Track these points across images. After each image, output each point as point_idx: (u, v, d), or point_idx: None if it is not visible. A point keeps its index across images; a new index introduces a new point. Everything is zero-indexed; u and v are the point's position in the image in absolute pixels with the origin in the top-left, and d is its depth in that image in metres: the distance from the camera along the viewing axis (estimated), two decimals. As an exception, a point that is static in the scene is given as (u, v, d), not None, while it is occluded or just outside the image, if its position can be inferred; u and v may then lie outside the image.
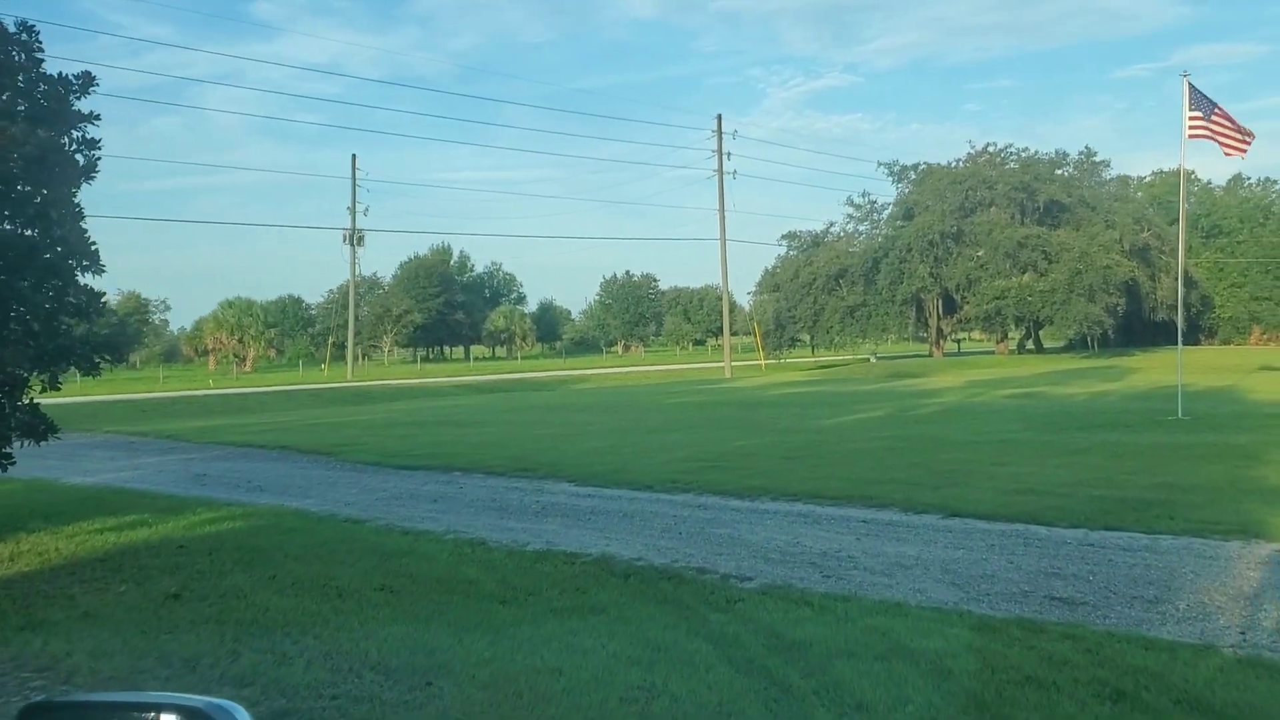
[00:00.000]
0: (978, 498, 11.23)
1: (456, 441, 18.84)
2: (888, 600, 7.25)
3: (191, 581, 8.37)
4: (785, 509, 11.11)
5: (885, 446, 16.29)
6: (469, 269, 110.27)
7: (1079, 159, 60.06)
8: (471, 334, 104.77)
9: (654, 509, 11.30)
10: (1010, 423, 19.87)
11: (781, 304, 59.32)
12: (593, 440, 18.43)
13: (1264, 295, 64.98)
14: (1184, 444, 15.42)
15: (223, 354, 79.14)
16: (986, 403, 25.88)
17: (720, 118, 55.60)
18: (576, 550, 9.17)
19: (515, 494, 12.68)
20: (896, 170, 61.96)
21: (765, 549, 9.04)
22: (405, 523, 10.85)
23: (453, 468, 15.30)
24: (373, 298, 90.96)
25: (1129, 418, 20.23)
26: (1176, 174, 72.48)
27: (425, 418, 25.84)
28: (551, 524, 10.58)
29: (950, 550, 8.79)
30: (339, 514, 11.54)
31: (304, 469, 16.04)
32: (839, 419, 22.13)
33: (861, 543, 9.19)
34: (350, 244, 56.48)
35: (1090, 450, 15.08)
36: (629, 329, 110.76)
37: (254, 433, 22.70)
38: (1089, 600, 7.18)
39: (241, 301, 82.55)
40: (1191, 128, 19.82)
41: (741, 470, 13.96)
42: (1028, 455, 14.80)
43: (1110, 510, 10.32)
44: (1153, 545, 8.84)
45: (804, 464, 14.48)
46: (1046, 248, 52.90)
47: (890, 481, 12.54)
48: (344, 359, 65.35)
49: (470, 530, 10.30)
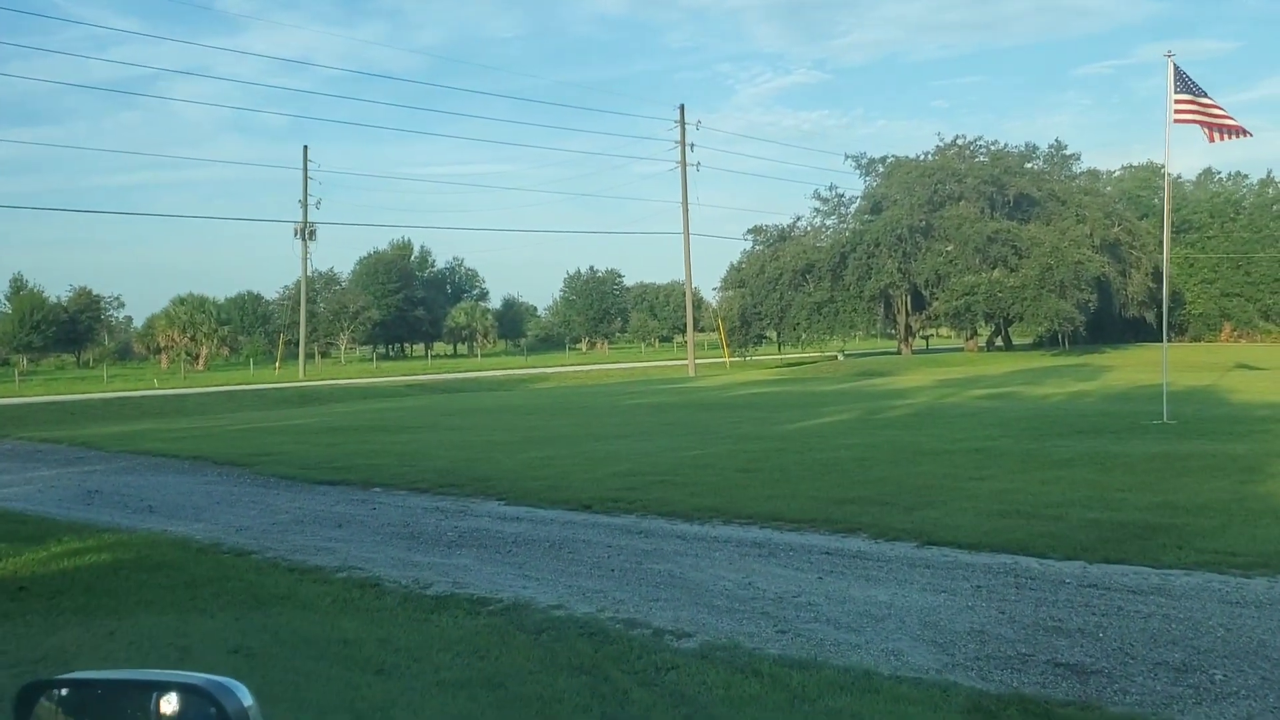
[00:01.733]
0: (957, 522, 9.85)
1: (385, 451, 17.32)
2: (855, 668, 5.84)
3: (9, 640, 6.85)
4: (739, 535, 9.69)
5: (853, 456, 14.91)
6: (430, 265, 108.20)
7: (1049, 152, 59.08)
8: (432, 331, 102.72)
9: (588, 536, 9.85)
10: (986, 427, 18.56)
11: (747, 300, 57.90)
12: (535, 449, 16.96)
13: (1234, 291, 64.19)
14: (1177, 454, 14.12)
15: (175, 352, 76.90)
16: (959, 404, 24.59)
17: (683, 108, 54.27)
18: (486, 594, 7.71)
19: (434, 517, 11.19)
20: (864, 163, 60.66)
21: (711, 592, 7.61)
22: (297, 555, 9.36)
23: (373, 483, 13.79)
24: (329, 294, 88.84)
25: (1112, 422, 18.96)
26: (1146, 168, 72.09)
27: (363, 422, 24.28)
28: (465, 557, 9.10)
29: (929, 594, 7.39)
30: (225, 543, 10.01)
31: (210, 484, 14.48)
32: (804, 423, 20.76)
33: (824, 583, 7.77)
34: (302, 238, 54.62)
35: (1076, 461, 13.75)
36: (593, 326, 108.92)
37: (175, 439, 21.07)
38: (1102, 667, 5.79)
39: (194, 298, 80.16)
40: (1177, 112, 18.55)
41: (693, 486, 12.54)
42: (1009, 467, 13.46)
43: (1109, 537, 8.97)
44: (1165, 585, 7.48)
45: (763, 478, 13.07)
46: (1017, 242, 51.75)
47: (858, 500, 11.15)
48: (299, 358, 63.45)
49: (368, 566, 8.81)
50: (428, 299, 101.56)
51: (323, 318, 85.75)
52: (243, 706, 1.68)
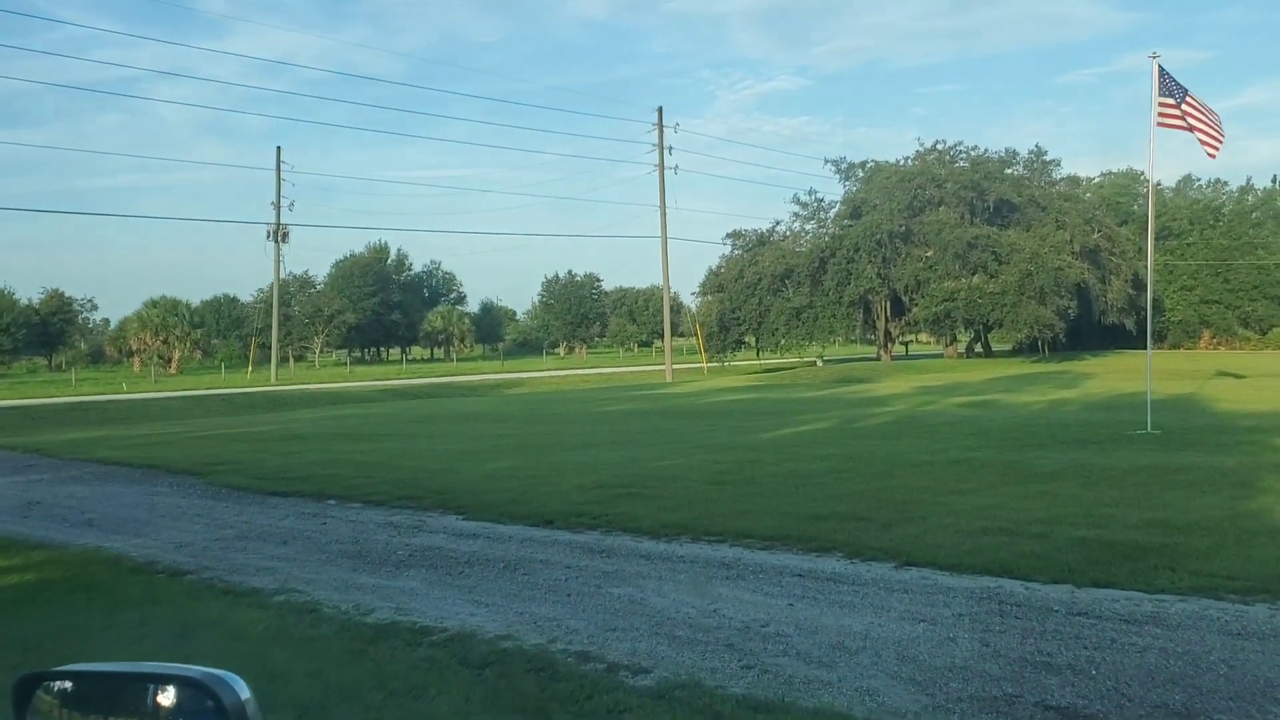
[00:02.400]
0: (938, 540, 9.33)
1: (345, 460, 16.70)
2: (826, 710, 5.31)
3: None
4: (706, 555, 9.15)
5: (829, 468, 14.38)
6: (407, 268, 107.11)
7: (1029, 158, 58.77)
8: (409, 335, 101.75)
9: (547, 555, 9.28)
10: (966, 437, 18.08)
11: (725, 305, 57.34)
12: (500, 459, 16.38)
13: (1214, 299, 64.13)
14: (1164, 466, 13.64)
15: (147, 355, 75.80)
16: (938, 413, 24.13)
17: (661, 110, 53.78)
18: (431, 621, 7.14)
19: (386, 533, 10.60)
20: (844, 168, 60.18)
21: (672, 620, 7.06)
22: (235, 575, 8.76)
23: (328, 494, 13.19)
24: (304, 297, 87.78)
25: (1095, 432, 18.52)
26: (1126, 175, 72.05)
27: (327, 428, 23.63)
28: (413, 579, 8.52)
29: (907, 623, 6.86)
30: (162, 562, 9.41)
31: (158, 495, 13.85)
32: (780, 431, 20.25)
33: (795, 610, 7.23)
34: (274, 240, 53.83)
35: (1060, 474, 13.26)
36: (571, 330, 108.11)
37: (132, 446, 20.40)
38: (1096, 711, 5.26)
39: (167, 300, 79.00)
40: (1162, 115, 18.13)
41: (662, 499, 11.99)
42: (990, 480, 12.96)
43: (1098, 559, 8.46)
44: (1160, 613, 6.97)
45: (735, 491, 12.53)
46: (997, 248, 51.40)
47: (833, 516, 10.62)
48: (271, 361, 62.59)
49: (309, 588, 8.23)
50: (404, 302, 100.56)
51: (297, 321, 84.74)
52: (239, 700, 1.67)
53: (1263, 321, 64.48)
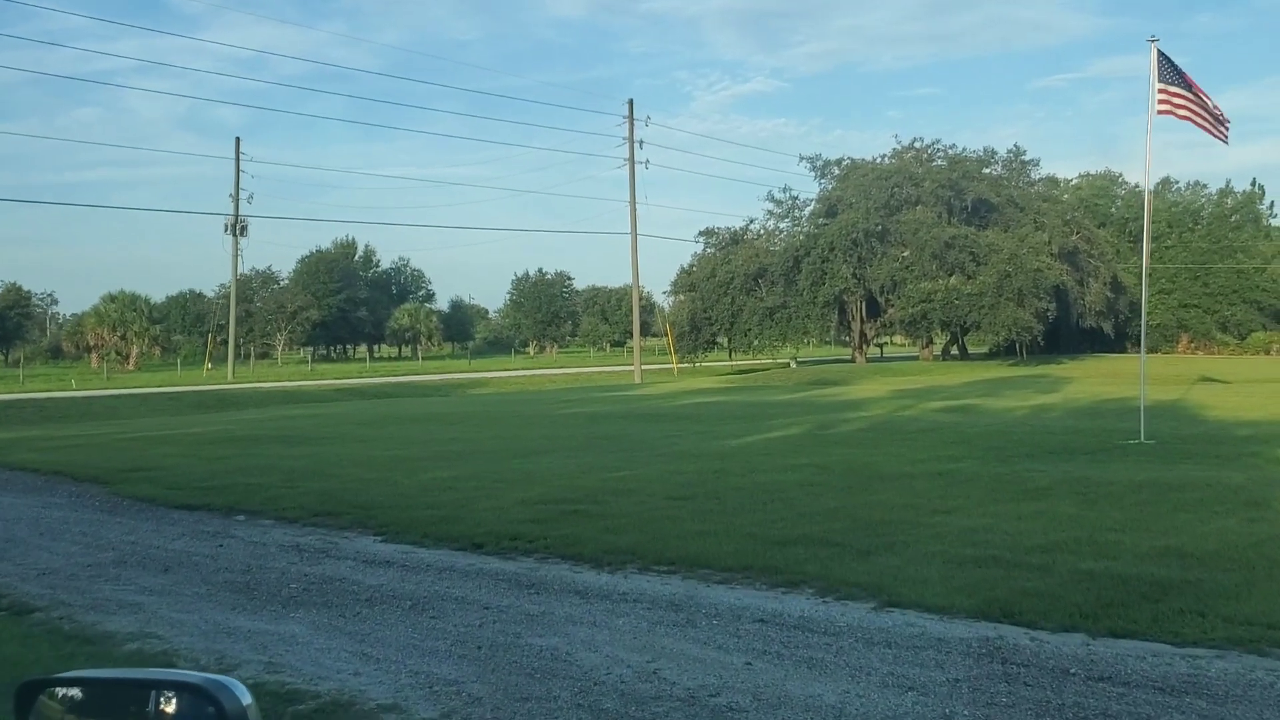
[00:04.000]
0: (924, 572, 8.03)
1: (275, 467, 15.26)
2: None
3: None
4: (654, 591, 7.81)
5: (800, 480, 13.08)
6: (375, 264, 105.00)
7: (1007, 157, 57.66)
8: (375, 333, 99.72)
9: (464, 591, 7.90)
10: (948, 446, 16.83)
11: (697, 304, 55.95)
12: (443, 467, 14.98)
13: (1192, 303, 63.29)
14: (1166, 482, 12.41)
15: (105, 351, 73.70)
16: (916, 418, 22.88)
17: (631, 103, 52.30)
18: (303, 683, 5.76)
19: (287, 559, 9.19)
20: (819, 165, 58.85)
21: (602, 685, 5.70)
22: (91, 614, 7.36)
23: (239, 508, 11.76)
24: (267, 293, 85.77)
25: (1085, 441, 17.31)
26: (1104, 176, 71.14)
27: (269, 430, 22.14)
28: (300, 621, 7.13)
29: (892, 692, 5.52)
30: (12, 594, 8.00)
31: (48, 508, 12.39)
32: (749, 438, 18.94)
33: (754, 672, 5.89)
34: (233, 234, 52.07)
35: (1054, 490, 12.01)
36: (541, 329, 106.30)
37: (52, 449, 18.88)
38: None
39: (125, 295, 76.75)
40: (1161, 102, 16.93)
41: (611, 517, 10.65)
42: (978, 496, 11.68)
43: (1112, 599, 7.19)
44: (1198, 676, 5.69)
45: (694, 508, 11.20)
46: (974, 249, 50.22)
47: (804, 540, 9.30)
48: (237, 358, 60.88)
49: (173, 634, 6.84)
50: (371, 299, 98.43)
51: (259, 317, 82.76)
52: (241, 706, 1.66)
53: (1241, 326, 63.70)
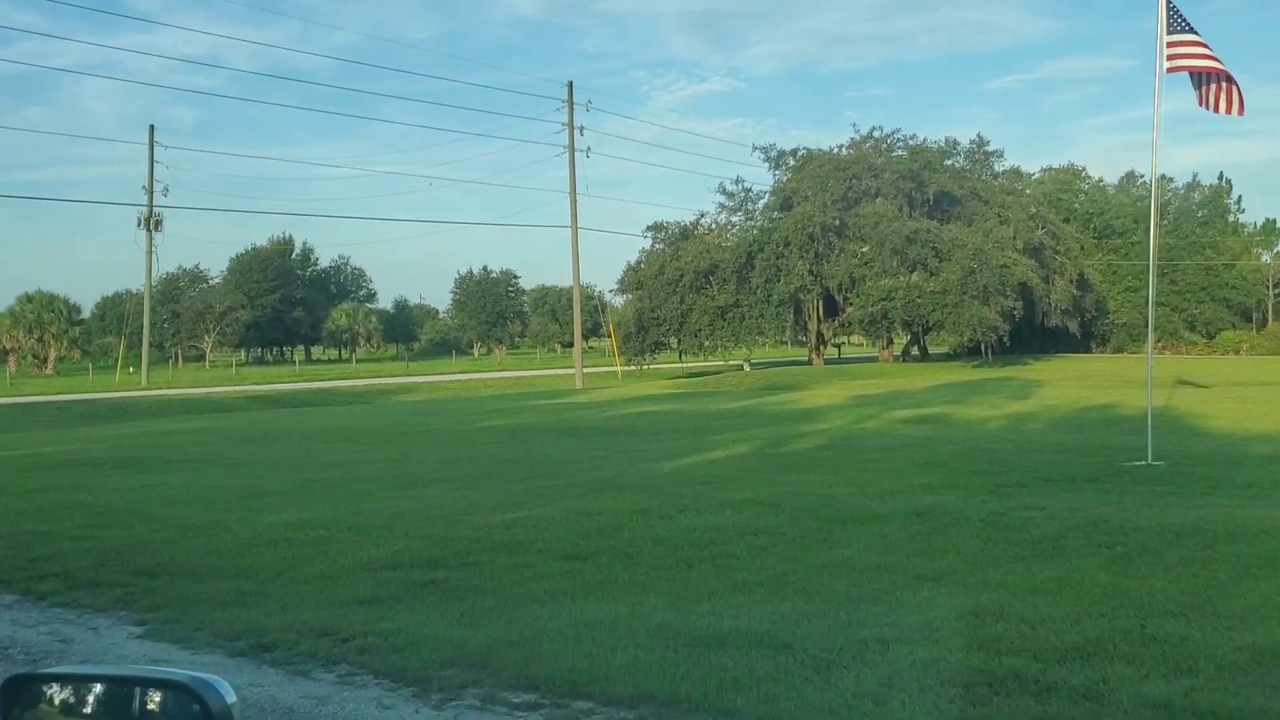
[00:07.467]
0: (917, 709, 5.17)
1: (86, 505, 12.11)
2: None
3: None
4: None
5: (741, 526, 10.20)
6: (313, 263, 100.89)
7: (970, 149, 55.23)
8: (312, 334, 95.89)
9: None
10: (921, 470, 14.04)
11: (644, 304, 53.01)
12: (295, 505, 11.94)
13: (1160, 301, 61.17)
14: (1209, 528, 9.63)
15: (21, 354, 69.72)
16: (881, 432, 20.11)
17: (571, 85, 49.37)
18: None
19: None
20: (773, 155, 55.96)
21: None
22: None
23: (-25, 579, 8.70)
24: (195, 293, 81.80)
25: (1081, 462, 14.58)
26: (1067, 171, 68.97)
27: (129, 449, 18.97)
28: None
29: None
30: None
31: None
32: (686, 459, 16.07)
33: None
34: (146, 229, 48.61)
35: (1068, 541, 9.20)
36: (486, 329, 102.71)
37: None
38: None
39: (43, 295, 72.52)
40: (1171, 58, 14.23)
41: (475, 595, 7.72)
42: (971, 553, 8.85)
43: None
44: None
45: (595, 576, 8.28)
46: (937, 243, 47.64)
47: (737, 640, 6.40)
48: (162, 361, 57.31)
49: None
50: (308, 299, 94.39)
51: (186, 318, 78.81)
52: (226, 704, 1.66)
53: (1210, 325, 61.86)
